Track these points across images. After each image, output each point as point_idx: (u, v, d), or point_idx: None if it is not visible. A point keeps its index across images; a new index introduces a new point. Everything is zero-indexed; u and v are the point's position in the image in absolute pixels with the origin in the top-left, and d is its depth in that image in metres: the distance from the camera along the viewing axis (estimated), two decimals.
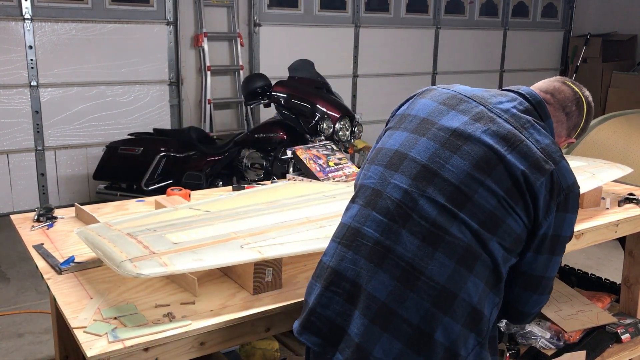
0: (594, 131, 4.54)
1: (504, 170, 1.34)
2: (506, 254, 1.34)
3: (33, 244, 1.91)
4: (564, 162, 1.40)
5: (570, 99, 1.59)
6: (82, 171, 5.43)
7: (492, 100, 1.47)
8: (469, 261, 1.31)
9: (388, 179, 1.41)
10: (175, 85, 5.79)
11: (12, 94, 5.06)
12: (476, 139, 1.38)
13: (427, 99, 1.52)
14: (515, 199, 1.33)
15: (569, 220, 1.41)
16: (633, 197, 2.41)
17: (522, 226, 1.35)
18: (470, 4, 7.66)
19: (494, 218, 1.32)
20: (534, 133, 1.40)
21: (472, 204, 1.33)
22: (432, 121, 1.45)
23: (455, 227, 1.32)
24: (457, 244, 1.31)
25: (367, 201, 1.42)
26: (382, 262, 1.33)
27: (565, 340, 2.35)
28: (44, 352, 3.01)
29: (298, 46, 6.29)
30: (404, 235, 1.33)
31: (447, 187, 1.34)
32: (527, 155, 1.35)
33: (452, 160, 1.37)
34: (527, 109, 1.47)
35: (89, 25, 5.29)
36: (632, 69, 7.84)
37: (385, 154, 1.46)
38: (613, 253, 4.27)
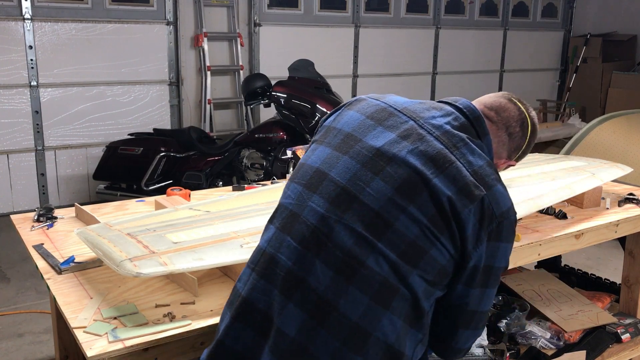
0: (594, 131, 4.54)
1: (428, 196, 1.22)
2: (429, 287, 1.23)
3: (33, 244, 1.91)
4: (499, 186, 1.28)
5: (514, 119, 1.45)
6: (82, 171, 5.43)
7: (424, 115, 1.35)
8: (385, 296, 1.19)
9: (306, 201, 1.29)
10: (175, 85, 5.79)
11: (12, 94, 5.06)
12: (401, 160, 1.26)
13: (354, 111, 1.40)
14: (440, 228, 1.22)
15: (503, 250, 1.29)
16: (633, 197, 2.41)
17: (448, 257, 1.23)
18: (470, 4, 7.66)
19: (415, 249, 1.21)
20: (466, 153, 1.28)
21: (393, 232, 1.21)
22: (356, 137, 1.33)
23: (372, 259, 1.20)
24: (372, 278, 1.19)
25: (284, 224, 1.30)
26: (293, 294, 1.22)
27: (565, 340, 2.35)
28: (44, 352, 3.01)
29: (298, 46, 6.29)
30: (317, 265, 1.22)
31: (366, 213, 1.23)
32: (456, 179, 1.24)
33: (373, 184, 1.25)
34: (462, 125, 1.35)
35: (89, 25, 5.29)
36: (632, 69, 7.84)
37: (306, 172, 1.35)
38: (613, 253, 4.27)
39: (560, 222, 2.15)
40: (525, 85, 8.38)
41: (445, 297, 1.30)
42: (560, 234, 2.03)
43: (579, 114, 7.37)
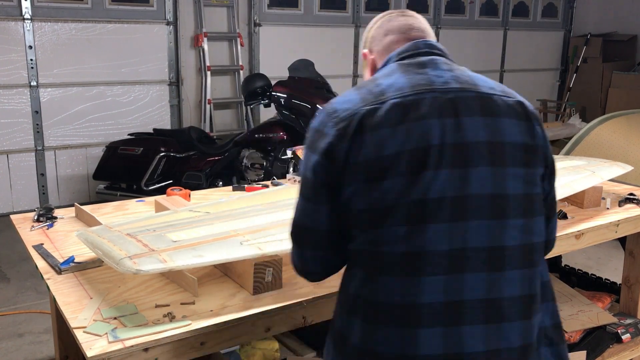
0: (594, 131, 4.54)
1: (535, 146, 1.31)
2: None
3: (33, 244, 1.91)
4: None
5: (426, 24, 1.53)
6: (82, 171, 5.43)
7: (478, 83, 1.43)
8: (537, 257, 1.24)
9: (459, 235, 1.21)
10: (175, 85, 5.79)
11: (12, 94, 5.06)
12: (503, 139, 1.32)
13: (421, 121, 1.30)
14: (537, 166, 1.28)
15: None
16: (633, 197, 2.41)
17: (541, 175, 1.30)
18: (470, 4, 7.66)
19: (528, 200, 1.25)
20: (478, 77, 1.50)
21: (510, 202, 1.23)
22: (453, 144, 1.25)
23: (537, 231, 1.24)
24: (534, 247, 1.24)
25: (448, 267, 1.19)
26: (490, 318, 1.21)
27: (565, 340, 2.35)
28: (44, 352, 3.01)
29: (298, 46, 6.29)
30: (509, 276, 1.22)
31: (519, 204, 1.23)
32: (520, 114, 1.37)
33: (509, 176, 1.26)
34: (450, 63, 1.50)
35: (89, 25, 5.29)
36: (632, 69, 7.83)
37: (432, 208, 1.21)
38: (613, 253, 4.27)
39: (560, 222, 2.15)
40: (526, 85, 8.37)
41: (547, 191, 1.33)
42: (560, 234, 2.03)
43: (579, 114, 7.37)
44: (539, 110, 7.80)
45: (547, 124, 7.16)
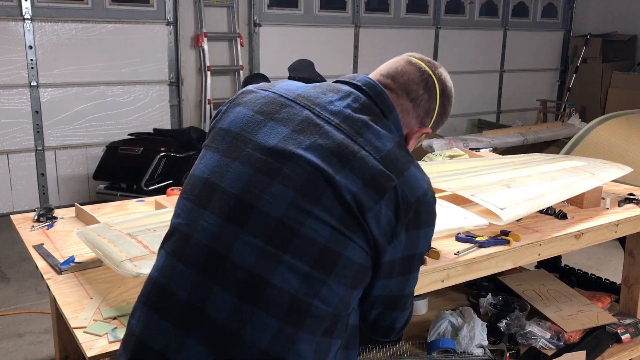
0: (594, 131, 4.54)
1: (333, 195, 1.09)
2: (349, 290, 1.12)
3: (33, 244, 1.91)
4: (412, 168, 1.16)
5: (415, 81, 1.29)
6: (82, 171, 5.43)
7: (320, 101, 1.21)
8: (297, 315, 1.07)
9: (197, 220, 1.15)
10: (175, 86, 5.79)
11: (12, 94, 5.06)
12: (298, 157, 1.12)
13: (242, 106, 1.24)
14: (351, 228, 1.10)
15: (424, 235, 1.19)
16: (633, 197, 2.41)
17: (365, 255, 1.12)
18: (470, 4, 7.66)
19: (329, 253, 1.09)
20: (372, 139, 1.15)
21: (300, 240, 1.08)
22: (246, 138, 1.18)
23: (278, 276, 1.07)
24: (280, 297, 1.07)
25: (175, 249, 1.16)
26: (192, 328, 1.08)
27: (565, 340, 2.35)
28: (44, 352, 3.01)
29: (298, 46, 6.29)
30: (216, 292, 1.08)
31: (266, 223, 1.09)
32: (363, 171, 1.11)
33: (271, 189, 1.11)
34: (364, 106, 1.21)
35: (89, 25, 5.29)
36: (632, 69, 7.83)
37: (195, 185, 1.20)
38: (613, 253, 4.27)
39: (560, 222, 2.15)
40: (525, 85, 8.38)
41: (368, 290, 1.19)
42: (560, 234, 2.03)
43: (579, 114, 7.37)
44: (539, 110, 7.79)
45: (547, 124, 7.16)
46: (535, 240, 1.96)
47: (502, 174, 2.31)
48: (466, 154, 2.91)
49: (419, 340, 2.28)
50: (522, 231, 2.00)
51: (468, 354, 2.15)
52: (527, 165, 2.46)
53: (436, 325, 2.28)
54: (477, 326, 2.23)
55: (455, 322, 2.28)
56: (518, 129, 6.51)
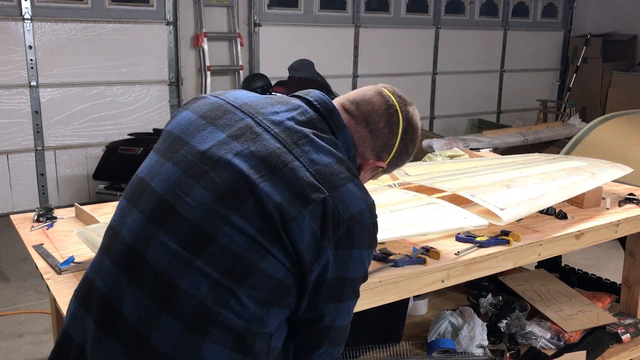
0: (594, 131, 4.54)
1: (254, 204, 1.06)
2: (264, 306, 1.07)
3: (33, 244, 1.91)
4: (350, 185, 1.12)
5: (378, 113, 1.27)
6: (82, 171, 5.43)
7: (265, 110, 1.19)
8: (203, 323, 1.04)
9: (126, 217, 1.16)
10: (175, 86, 5.79)
11: (12, 94, 5.06)
12: (226, 162, 1.10)
13: (189, 110, 1.25)
14: (270, 240, 1.06)
15: (357, 257, 1.13)
16: (633, 197, 2.41)
17: (284, 271, 1.07)
18: (470, 4, 7.66)
19: (242, 263, 1.05)
20: (309, 151, 1.12)
21: (215, 246, 1.06)
22: (183, 140, 1.18)
23: (187, 280, 1.05)
24: (187, 302, 1.05)
25: (105, 245, 1.19)
26: (109, 326, 1.08)
27: (565, 340, 2.35)
28: (44, 352, 3.01)
29: (298, 46, 6.29)
30: (131, 291, 1.08)
31: (183, 226, 1.08)
32: (290, 181, 1.08)
33: (194, 192, 1.09)
34: (310, 120, 1.19)
35: (89, 25, 5.28)
36: (632, 69, 7.83)
37: (132, 183, 1.22)
38: (613, 253, 4.27)
39: (560, 222, 2.15)
40: (525, 85, 8.37)
41: (294, 313, 1.14)
42: (560, 234, 2.03)
43: (579, 114, 7.37)
44: (539, 110, 7.79)
45: (547, 124, 7.16)
46: (535, 240, 1.96)
47: (502, 174, 2.31)
48: (466, 154, 2.91)
49: (419, 340, 2.28)
50: (522, 231, 2.00)
51: (468, 354, 2.14)
52: (527, 166, 2.45)
53: (436, 325, 2.28)
54: (478, 326, 2.23)
55: (456, 322, 2.28)
56: (518, 129, 6.51)
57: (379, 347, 2.17)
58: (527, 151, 4.25)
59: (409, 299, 2.45)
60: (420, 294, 2.21)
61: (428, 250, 1.77)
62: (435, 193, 2.20)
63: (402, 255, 1.71)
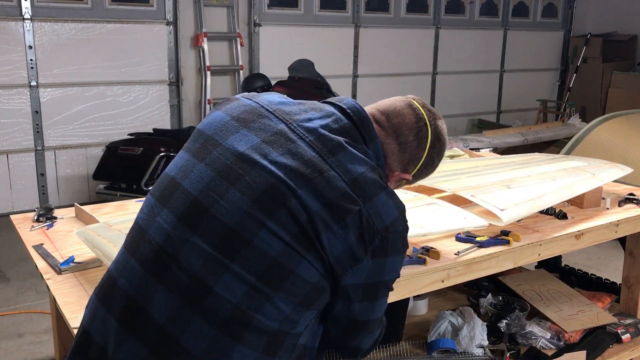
0: (594, 131, 4.54)
1: (290, 211, 1.06)
2: (299, 308, 1.08)
3: (33, 244, 1.91)
4: (383, 195, 1.13)
5: (408, 126, 1.27)
6: (82, 171, 5.43)
7: (299, 117, 1.19)
8: (236, 327, 1.05)
9: (155, 216, 1.14)
10: (175, 85, 5.79)
11: (12, 94, 5.06)
12: (262, 167, 1.10)
13: (222, 111, 1.24)
14: (305, 247, 1.06)
15: (391, 263, 1.15)
16: (633, 197, 2.41)
17: (319, 276, 1.08)
18: (470, 4, 7.66)
19: (279, 268, 1.06)
20: (344, 160, 1.12)
21: (251, 250, 1.06)
22: (216, 141, 1.17)
23: (221, 284, 1.05)
24: (221, 306, 1.05)
25: (130, 244, 1.17)
26: (134, 326, 1.08)
27: (565, 340, 2.35)
28: (44, 352, 3.01)
29: (298, 46, 6.29)
30: (160, 292, 1.07)
31: (218, 229, 1.07)
32: (325, 191, 1.08)
33: (229, 195, 1.09)
34: (343, 128, 1.18)
35: (88, 25, 5.28)
36: (632, 69, 7.83)
37: (161, 182, 1.20)
38: (613, 253, 4.27)
39: (560, 222, 2.15)
40: (525, 85, 8.37)
41: (329, 310, 1.16)
42: (560, 234, 2.03)
43: (579, 114, 7.37)
44: (539, 110, 7.80)
45: (547, 124, 7.16)
46: (535, 240, 1.96)
47: (502, 174, 2.31)
48: (466, 154, 2.91)
49: (419, 340, 2.28)
50: (522, 231, 2.00)
51: (468, 354, 2.14)
52: (527, 166, 2.45)
53: (436, 325, 2.28)
54: (477, 326, 2.23)
55: (456, 322, 2.28)
56: (518, 129, 6.51)
57: (379, 347, 2.17)
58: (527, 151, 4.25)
59: (409, 299, 2.44)
60: (420, 294, 2.21)
61: (428, 250, 1.77)
62: (435, 193, 2.20)
63: None
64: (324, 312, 1.17)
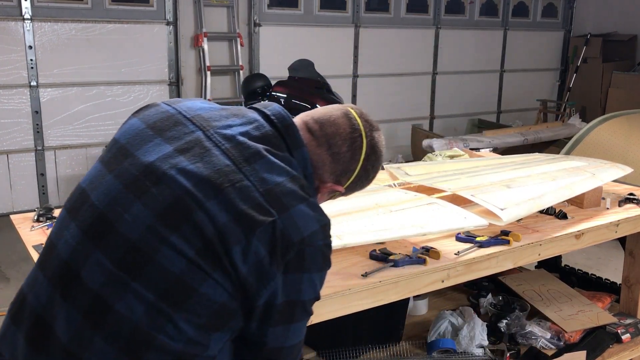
0: (594, 131, 4.54)
1: (195, 224, 1.00)
2: (203, 332, 1.02)
3: (33, 244, 1.90)
4: (302, 206, 1.06)
5: (342, 136, 1.22)
6: (82, 171, 5.43)
7: (217, 124, 1.13)
8: (137, 347, 0.99)
9: (63, 230, 1.09)
10: (175, 85, 5.79)
11: (12, 94, 5.06)
12: (170, 178, 1.04)
13: (138, 118, 1.17)
14: (211, 264, 1.00)
15: (309, 281, 1.08)
16: (633, 197, 2.41)
17: (227, 296, 1.02)
18: (470, 4, 7.66)
19: (182, 287, 1.00)
20: (260, 169, 1.06)
21: (153, 268, 1.00)
22: (128, 151, 1.11)
23: (122, 303, 1.00)
24: (121, 325, 0.99)
25: (41, 258, 1.12)
26: (41, 345, 1.03)
27: (565, 340, 2.35)
28: None
29: (298, 46, 6.29)
30: (64, 310, 1.02)
31: (121, 245, 1.02)
32: (237, 202, 1.01)
33: (133, 209, 1.03)
34: (265, 135, 1.13)
35: (88, 25, 5.28)
36: (632, 69, 7.83)
37: (74, 193, 1.15)
38: (613, 253, 4.27)
39: (560, 222, 2.15)
40: (525, 85, 8.37)
41: (243, 334, 1.09)
42: (560, 234, 2.03)
43: (579, 114, 7.37)
44: (539, 110, 7.80)
45: (547, 124, 7.16)
46: (535, 240, 1.96)
47: (502, 174, 2.31)
48: (466, 154, 2.91)
49: (419, 340, 2.28)
50: (522, 231, 2.00)
51: (468, 354, 2.14)
52: (527, 166, 2.46)
53: (436, 325, 2.28)
54: (478, 326, 2.23)
55: (456, 322, 2.28)
56: (518, 129, 6.51)
57: (379, 347, 2.17)
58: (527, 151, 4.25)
59: (409, 299, 2.44)
60: (420, 294, 2.21)
61: (428, 250, 1.77)
62: (435, 193, 2.20)
63: (402, 255, 1.71)
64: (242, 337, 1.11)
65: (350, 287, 1.57)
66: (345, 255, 1.76)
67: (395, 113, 7.03)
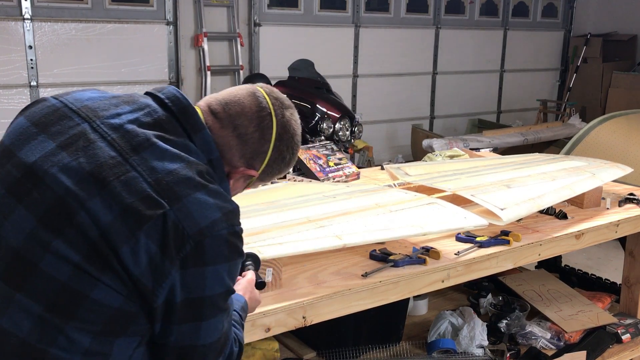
0: (594, 131, 4.54)
1: (79, 226, 0.93)
2: (100, 340, 0.95)
3: None
4: (199, 194, 0.98)
5: (247, 116, 1.14)
6: None
7: (105, 113, 1.04)
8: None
9: None
10: (175, 85, 5.78)
11: (12, 94, 5.06)
12: (51, 178, 0.96)
13: (24, 116, 1.09)
14: (99, 267, 0.93)
15: (214, 274, 0.99)
16: (633, 197, 2.41)
17: (122, 299, 0.94)
18: (470, 4, 7.66)
19: (70, 295, 0.93)
20: (149, 158, 0.98)
21: (38, 277, 0.93)
22: (11, 152, 1.02)
23: (7, 317, 0.93)
24: (7, 343, 0.93)
25: None
26: None
27: (565, 340, 2.35)
28: None
29: (298, 46, 6.29)
30: None
31: (4, 255, 0.95)
32: (123, 196, 0.94)
33: (15, 214, 0.96)
34: (157, 121, 1.05)
35: (88, 25, 5.28)
36: (632, 69, 7.83)
37: None
38: (613, 253, 4.27)
39: (560, 222, 2.15)
40: (525, 85, 8.37)
41: (152, 337, 1.02)
42: (560, 234, 2.03)
43: (579, 114, 7.37)
44: (539, 110, 7.80)
45: (547, 124, 7.16)
46: (535, 240, 1.96)
47: (502, 174, 2.31)
48: (466, 154, 2.92)
49: (419, 340, 2.28)
50: (522, 231, 2.00)
51: (468, 354, 2.15)
52: (527, 165, 2.46)
53: (436, 326, 2.28)
54: (478, 326, 2.23)
55: (456, 322, 2.28)
56: (518, 129, 6.51)
57: (379, 347, 2.17)
58: (527, 151, 4.26)
59: (409, 299, 2.45)
60: (420, 294, 2.21)
61: (428, 250, 1.77)
62: (435, 193, 2.20)
63: (402, 255, 1.71)
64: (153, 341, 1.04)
65: (350, 287, 1.57)
66: (345, 255, 1.76)
67: (395, 113, 7.02)
